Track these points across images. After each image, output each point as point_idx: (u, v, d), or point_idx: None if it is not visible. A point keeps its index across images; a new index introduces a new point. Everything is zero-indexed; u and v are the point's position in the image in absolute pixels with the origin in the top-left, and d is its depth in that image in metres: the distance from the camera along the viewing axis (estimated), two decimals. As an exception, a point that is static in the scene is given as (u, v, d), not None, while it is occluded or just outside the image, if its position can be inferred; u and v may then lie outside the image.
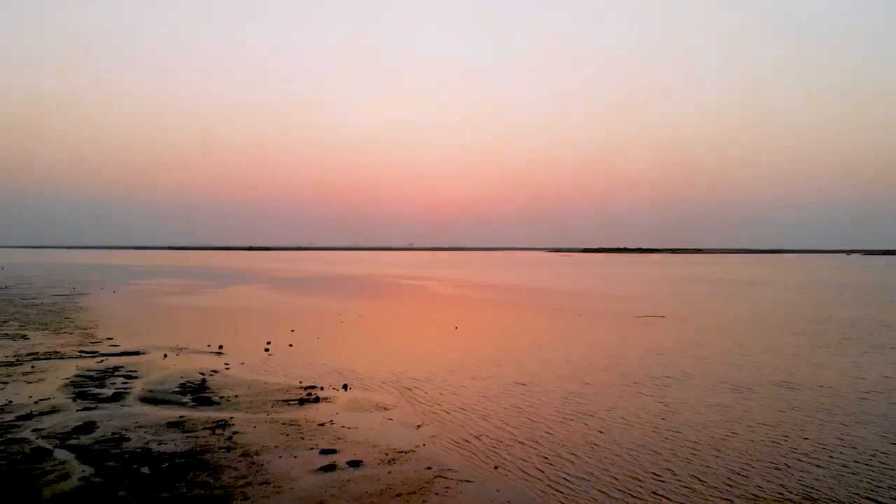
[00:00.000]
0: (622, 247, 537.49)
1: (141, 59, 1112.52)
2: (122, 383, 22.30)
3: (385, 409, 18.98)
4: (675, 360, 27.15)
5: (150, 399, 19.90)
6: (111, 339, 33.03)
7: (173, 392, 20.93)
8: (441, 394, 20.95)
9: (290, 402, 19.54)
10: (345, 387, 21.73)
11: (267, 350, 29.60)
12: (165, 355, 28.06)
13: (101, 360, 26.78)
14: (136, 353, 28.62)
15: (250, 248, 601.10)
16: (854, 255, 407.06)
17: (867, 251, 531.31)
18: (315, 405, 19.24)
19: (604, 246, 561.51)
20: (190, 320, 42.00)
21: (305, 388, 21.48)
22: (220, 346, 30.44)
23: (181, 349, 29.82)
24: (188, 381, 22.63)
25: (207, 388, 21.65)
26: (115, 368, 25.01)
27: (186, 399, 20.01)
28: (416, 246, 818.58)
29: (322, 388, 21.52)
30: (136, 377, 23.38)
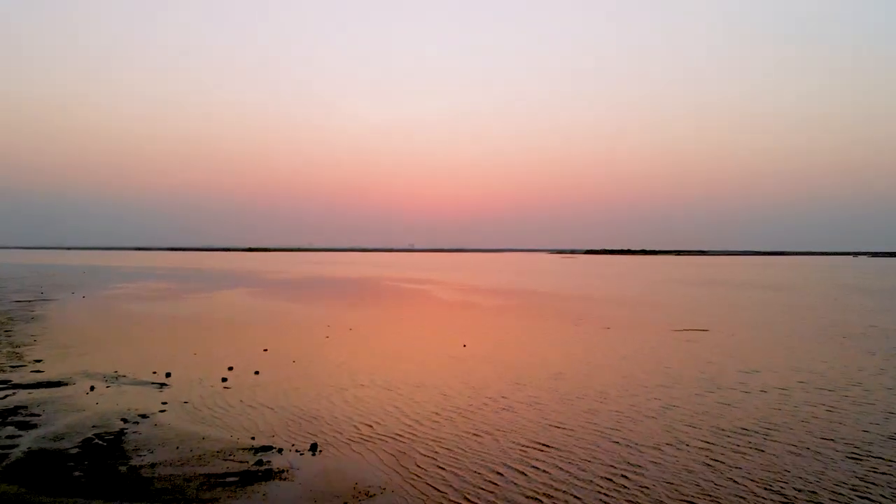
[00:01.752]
0: (625, 248, 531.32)
1: (150, 59, 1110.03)
2: (8, 437, 16.16)
3: (367, 494, 12.79)
4: (748, 402, 20.91)
5: (25, 469, 13.75)
6: (39, 361, 26.89)
7: (69, 454, 14.78)
8: (444, 465, 14.72)
9: (229, 480, 13.35)
10: (313, 448, 15.54)
11: (225, 381, 23.40)
12: (93, 388, 21.91)
13: (6, 395, 20.65)
14: (58, 384, 22.48)
15: (251, 250, 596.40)
16: (861, 257, 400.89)
17: (873, 253, 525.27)
18: (264, 486, 13.06)
19: (606, 247, 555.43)
20: (148, 335, 35.82)
21: (256, 451, 15.27)
22: (168, 374, 24.27)
23: (118, 378, 23.67)
24: (100, 434, 16.48)
25: (121, 447, 15.49)
26: (15, 409, 18.87)
27: (80, 470, 13.84)
28: (417, 247, 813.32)
29: (280, 451, 15.31)
30: (33, 425, 17.25)
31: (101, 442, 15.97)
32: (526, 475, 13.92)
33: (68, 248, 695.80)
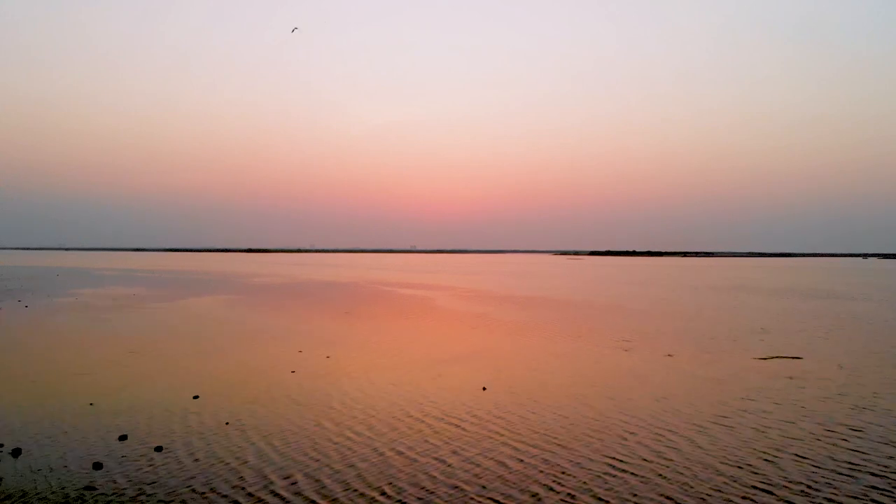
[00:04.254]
0: (630, 249, 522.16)
1: (152, 60, 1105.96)
2: None
3: None
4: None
5: None
6: None
7: None
8: None
9: None
10: None
11: (98, 469, 14.50)
12: None
13: None
14: None
15: (250, 251, 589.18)
16: (871, 259, 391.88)
17: (882, 255, 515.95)
18: None
19: (611, 249, 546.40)
20: (45, 369, 26.89)
21: None
22: (16, 452, 15.42)
23: (-68, 461, 14.84)
24: None
25: None
26: None
27: None
28: (418, 248, 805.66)
29: None
30: None
31: None
32: None
33: (67, 249, 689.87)
